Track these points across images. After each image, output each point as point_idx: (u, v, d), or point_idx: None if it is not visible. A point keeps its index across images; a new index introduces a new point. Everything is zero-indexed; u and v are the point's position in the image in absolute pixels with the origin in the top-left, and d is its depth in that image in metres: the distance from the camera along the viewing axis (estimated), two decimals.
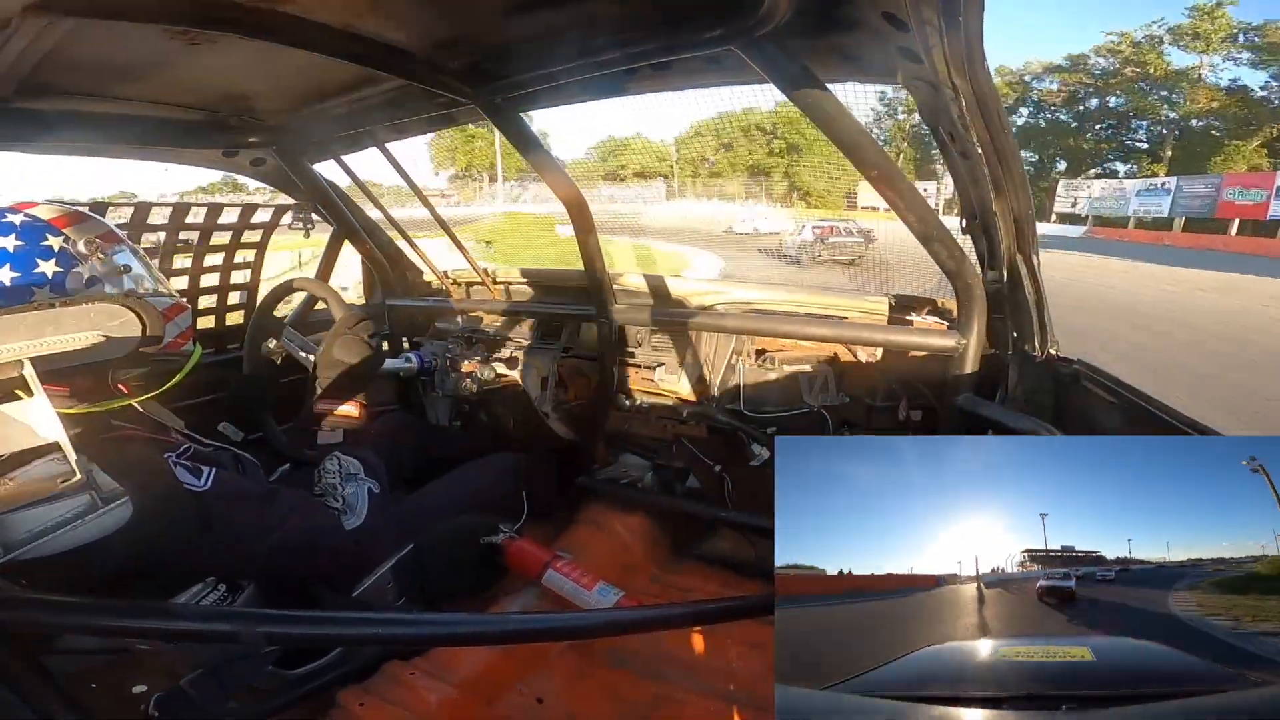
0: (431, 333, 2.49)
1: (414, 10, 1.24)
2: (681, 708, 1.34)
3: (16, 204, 1.14)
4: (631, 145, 44.61)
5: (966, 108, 1.03)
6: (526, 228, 23.27)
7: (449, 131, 42.00)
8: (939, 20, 0.86)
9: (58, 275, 1.08)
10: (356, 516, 1.38)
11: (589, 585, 1.51)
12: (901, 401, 1.74)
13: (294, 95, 1.76)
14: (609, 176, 43.13)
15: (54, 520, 0.98)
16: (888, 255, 14.86)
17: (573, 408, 2.24)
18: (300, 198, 2.30)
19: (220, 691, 1.22)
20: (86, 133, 1.61)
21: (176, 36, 1.24)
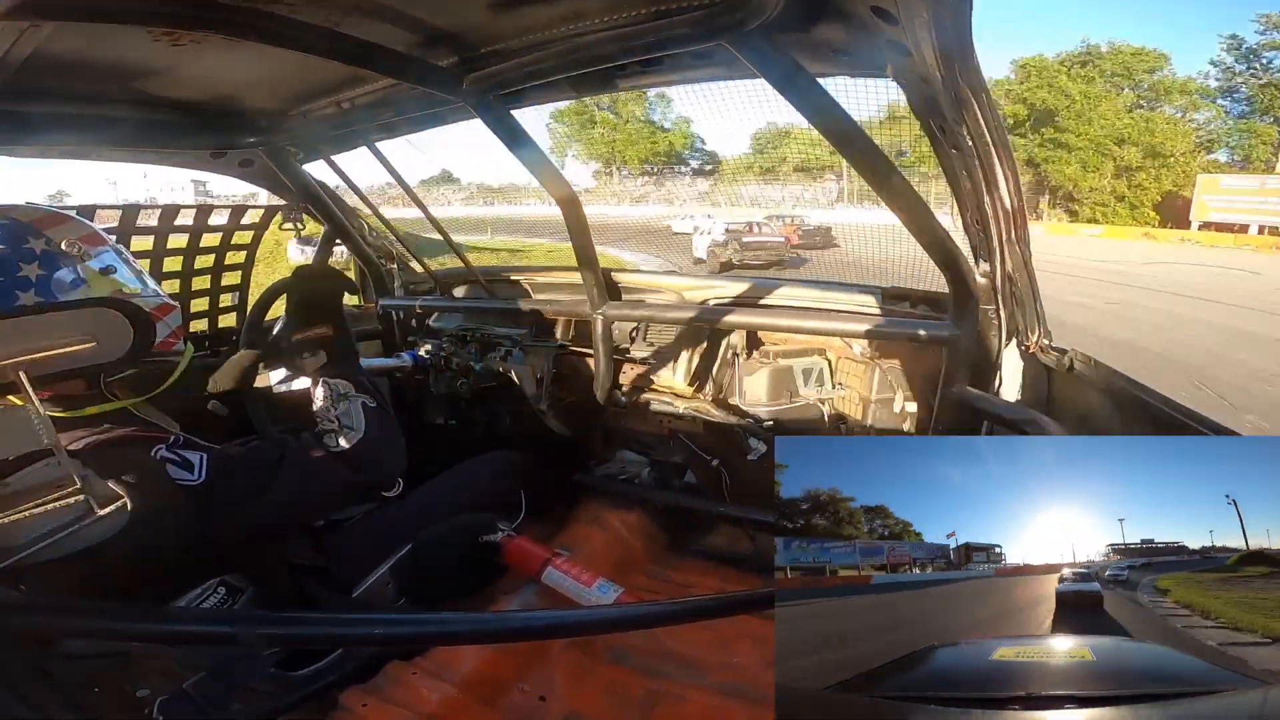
0: (425, 332, 2.48)
1: (401, 9, 1.23)
2: (682, 703, 1.35)
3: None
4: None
5: (957, 101, 1.03)
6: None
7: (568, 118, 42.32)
8: (928, 13, 0.86)
9: (41, 278, 1.07)
10: (356, 431, 1.33)
11: (588, 582, 1.52)
12: (897, 394, 1.75)
13: (282, 95, 1.74)
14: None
15: (51, 526, 0.98)
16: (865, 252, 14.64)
17: (569, 405, 2.24)
18: (290, 199, 2.29)
19: (223, 694, 1.21)
20: (72, 135, 1.60)
21: (161, 38, 1.23)
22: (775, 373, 1.89)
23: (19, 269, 1.06)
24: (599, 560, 1.73)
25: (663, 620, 1.34)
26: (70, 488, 0.99)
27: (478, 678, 1.30)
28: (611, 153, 44.28)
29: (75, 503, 0.99)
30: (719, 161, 44.39)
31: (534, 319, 2.27)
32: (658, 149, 44.18)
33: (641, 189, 42.77)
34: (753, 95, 1.57)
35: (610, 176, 44.85)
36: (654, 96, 41.74)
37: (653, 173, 44.23)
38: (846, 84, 1.26)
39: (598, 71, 1.39)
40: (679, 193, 39.82)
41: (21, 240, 1.08)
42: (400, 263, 2.65)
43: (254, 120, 1.90)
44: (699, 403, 2.00)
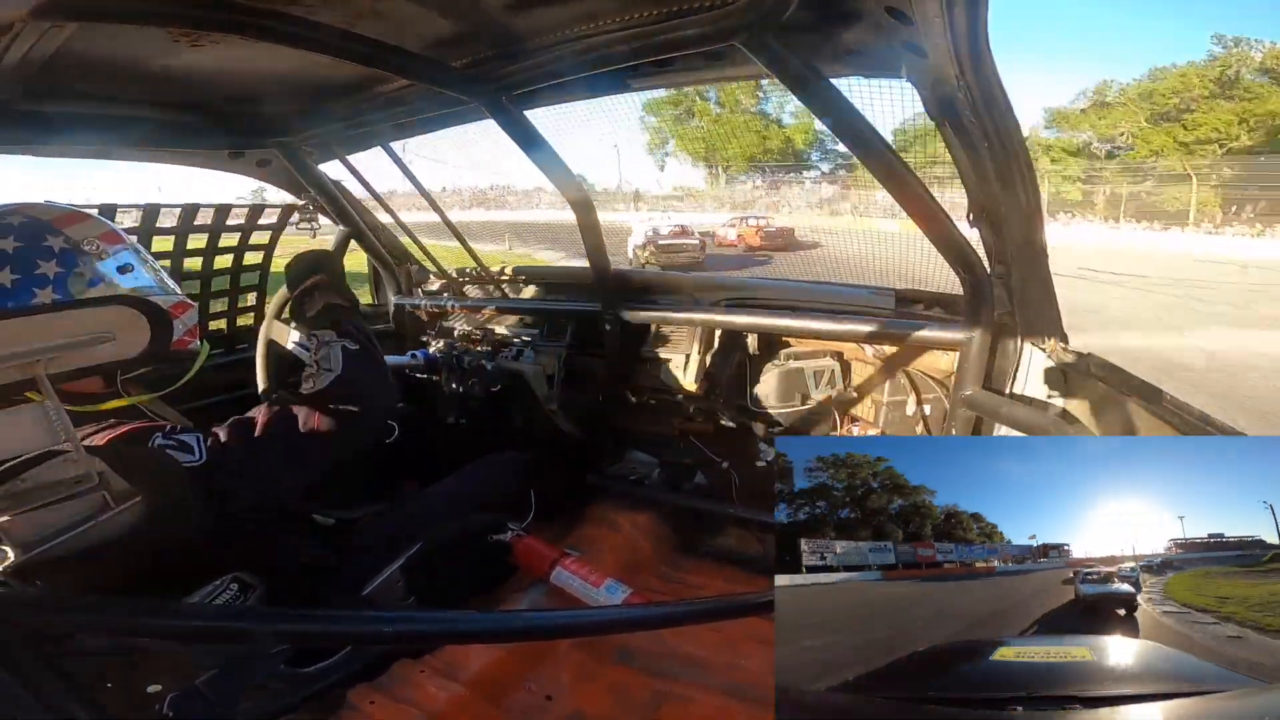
0: (439, 331, 2.50)
1: (417, 10, 1.24)
2: (689, 705, 1.34)
3: (15, 205, 1.13)
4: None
5: (972, 101, 1.02)
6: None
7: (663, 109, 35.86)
8: (943, 14, 0.85)
9: (59, 276, 1.08)
10: (332, 372, 1.32)
11: (597, 582, 1.52)
12: (909, 396, 1.74)
13: (299, 96, 1.76)
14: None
15: (67, 521, 0.99)
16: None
17: (580, 405, 2.24)
18: (307, 198, 2.31)
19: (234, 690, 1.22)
20: (91, 135, 1.62)
21: (181, 39, 1.25)
22: (787, 374, 1.88)
23: (37, 266, 1.07)
24: (608, 561, 1.73)
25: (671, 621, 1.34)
26: (87, 484, 1.01)
27: (485, 677, 1.31)
28: (709, 150, 37.07)
29: (92, 498, 1.01)
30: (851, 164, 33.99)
31: (546, 319, 2.27)
32: (769, 145, 36.12)
33: (750, 193, 34.24)
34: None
35: (714, 176, 38.22)
36: (767, 85, 32.48)
37: (767, 174, 35.30)
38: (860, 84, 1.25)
39: (611, 72, 1.39)
40: (795, 198, 31.77)
41: (40, 238, 1.09)
42: (414, 262, 2.67)
43: (271, 121, 1.92)
44: (710, 404, 1.99)
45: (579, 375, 2.23)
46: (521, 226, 26.00)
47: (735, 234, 21.90)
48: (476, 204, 36.83)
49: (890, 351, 1.77)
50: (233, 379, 2.14)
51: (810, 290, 1.95)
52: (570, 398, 2.23)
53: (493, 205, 36.67)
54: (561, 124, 1.75)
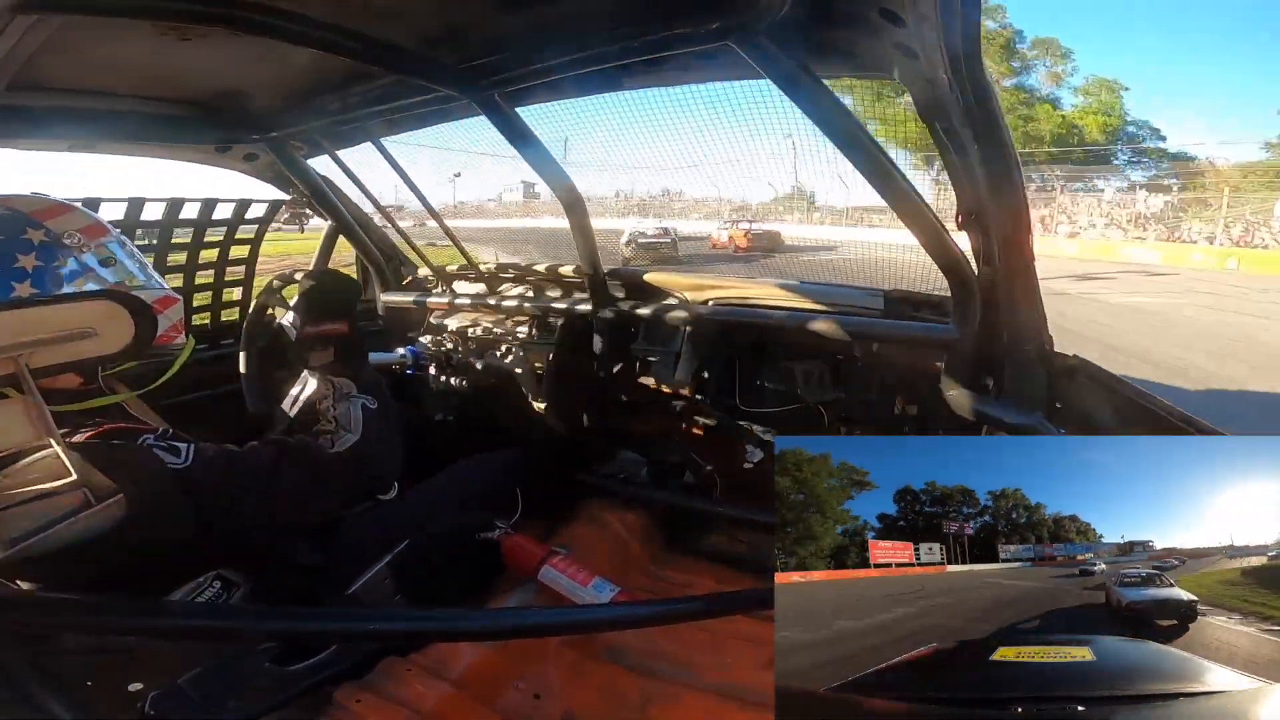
0: (427, 328, 2.48)
1: (407, 5, 1.23)
2: (679, 703, 1.34)
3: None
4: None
5: (962, 103, 1.03)
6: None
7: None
8: (936, 16, 0.86)
9: (38, 270, 1.06)
10: (353, 434, 1.32)
11: (585, 581, 1.51)
12: (897, 396, 1.75)
13: (287, 91, 1.75)
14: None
15: (48, 518, 0.98)
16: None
17: (569, 403, 2.24)
18: (295, 194, 2.29)
19: (218, 689, 1.21)
20: (78, 129, 1.60)
21: (168, 32, 1.23)
22: (776, 374, 1.89)
23: (15, 260, 1.04)
24: (597, 559, 1.73)
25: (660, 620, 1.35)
26: (68, 480, 0.99)
27: (474, 675, 1.30)
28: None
29: (72, 495, 1.00)
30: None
31: (535, 317, 2.27)
32: (1035, 131, 24.73)
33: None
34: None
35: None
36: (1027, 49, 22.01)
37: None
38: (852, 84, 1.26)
39: (604, 70, 1.39)
40: (1087, 210, 21.78)
41: (20, 231, 1.07)
42: (403, 259, 2.65)
43: (259, 115, 1.90)
44: (697, 404, 1.99)
45: (568, 374, 2.22)
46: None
47: (727, 236, 22.16)
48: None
49: (879, 351, 1.78)
50: (217, 373, 2.12)
51: (800, 290, 1.95)
52: (559, 396, 2.22)
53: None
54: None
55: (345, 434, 1.32)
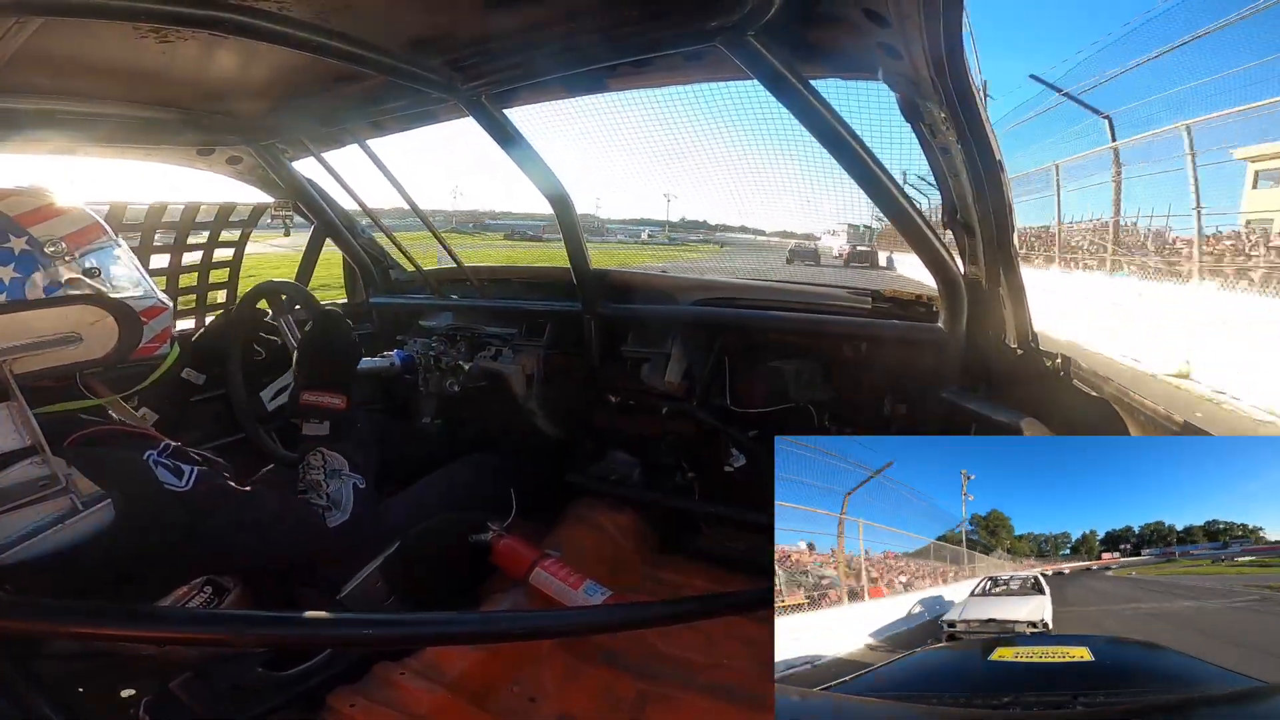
0: (415, 331, 2.47)
1: (393, 6, 1.22)
2: (673, 704, 1.35)
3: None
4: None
5: (946, 103, 1.04)
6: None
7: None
8: (919, 16, 0.87)
9: (14, 281, 1.04)
10: (342, 513, 1.36)
11: (576, 584, 1.51)
12: (887, 395, 1.76)
13: (271, 92, 1.73)
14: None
15: (34, 524, 0.97)
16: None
17: (559, 405, 2.23)
18: (280, 196, 2.27)
19: (210, 694, 1.20)
20: (58, 131, 1.58)
21: (148, 34, 1.22)
22: (767, 374, 1.89)
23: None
24: (589, 561, 1.73)
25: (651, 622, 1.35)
26: (54, 486, 0.98)
27: (468, 678, 1.30)
28: None
29: (59, 501, 0.99)
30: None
31: (524, 318, 2.26)
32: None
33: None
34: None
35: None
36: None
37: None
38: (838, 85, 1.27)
39: (590, 72, 1.39)
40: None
41: (2, 239, 1.04)
42: (392, 261, 2.64)
43: (242, 117, 1.89)
44: (686, 405, 1.99)
45: (558, 375, 2.22)
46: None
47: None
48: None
49: (869, 350, 1.79)
50: (189, 349, 2.09)
51: (790, 290, 1.96)
52: (550, 397, 2.22)
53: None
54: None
55: (335, 513, 1.36)
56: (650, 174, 6.22)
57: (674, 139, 2.16)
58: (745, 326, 1.92)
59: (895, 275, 16.85)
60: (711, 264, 18.51)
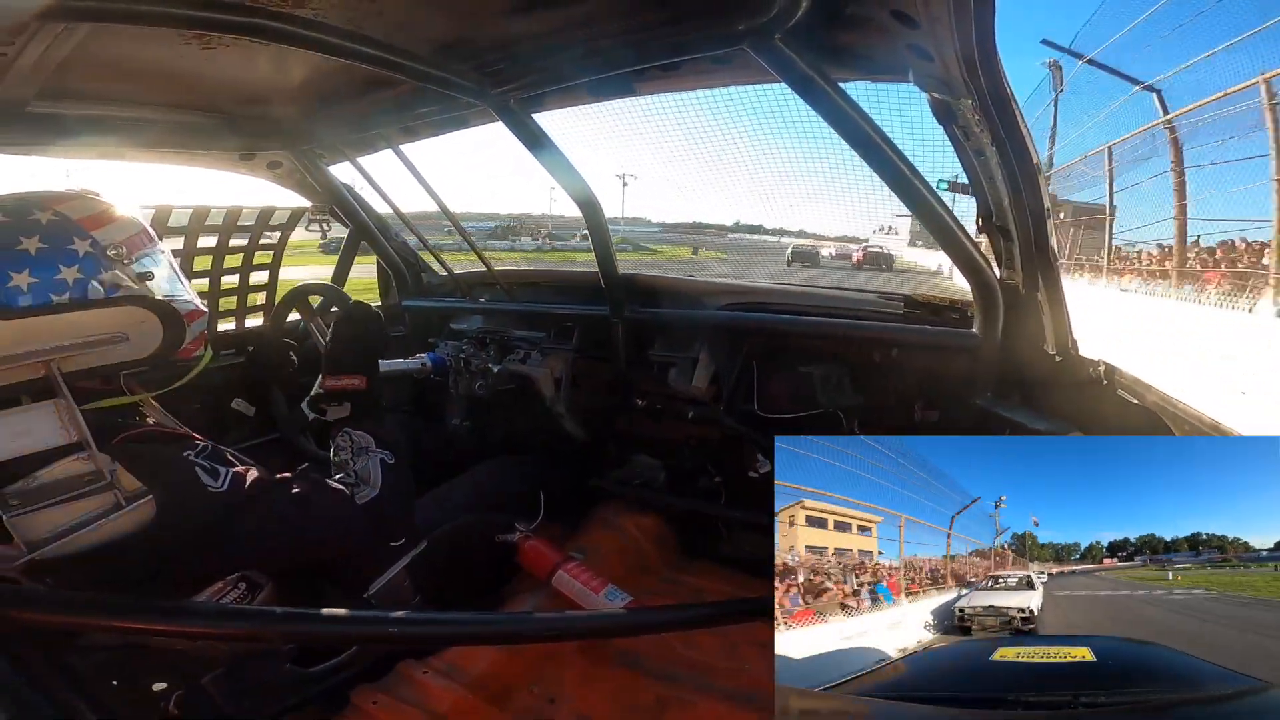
0: (446, 334, 2.50)
1: (425, 13, 1.24)
2: (691, 708, 1.34)
3: (48, 196, 1.10)
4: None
5: (979, 105, 1.02)
6: None
7: None
8: (949, 17, 0.85)
9: (79, 282, 1.07)
10: (371, 488, 1.36)
11: (597, 588, 1.51)
12: (918, 401, 1.72)
13: (309, 98, 1.77)
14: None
15: (78, 519, 1.00)
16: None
17: (586, 408, 2.24)
18: (317, 200, 2.32)
19: (240, 690, 1.23)
20: (104, 136, 1.63)
21: (191, 41, 1.26)
22: (795, 379, 1.87)
23: (58, 271, 1.05)
24: (613, 564, 1.73)
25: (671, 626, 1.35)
26: (99, 482, 1.01)
27: (489, 678, 1.31)
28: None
29: (103, 497, 1.02)
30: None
31: (553, 322, 2.28)
32: None
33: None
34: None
35: None
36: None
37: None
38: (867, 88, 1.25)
39: (617, 76, 1.40)
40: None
41: (66, 241, 1.07)
42: (424, 265, 2.68)
43: (282, 123, 1.94)
44: (712, 410, 1.98)
45: (586, 378, 2.23)
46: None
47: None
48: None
49: (899, 356, 1.76)
50: (239, 379, 2.15)
51: (819, 295, 1.94)
52: (577, 401, 2.23)
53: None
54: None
55: (365, 488, 1.36)
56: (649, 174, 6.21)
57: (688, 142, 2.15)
58: (773, 331, 1.90)
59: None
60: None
